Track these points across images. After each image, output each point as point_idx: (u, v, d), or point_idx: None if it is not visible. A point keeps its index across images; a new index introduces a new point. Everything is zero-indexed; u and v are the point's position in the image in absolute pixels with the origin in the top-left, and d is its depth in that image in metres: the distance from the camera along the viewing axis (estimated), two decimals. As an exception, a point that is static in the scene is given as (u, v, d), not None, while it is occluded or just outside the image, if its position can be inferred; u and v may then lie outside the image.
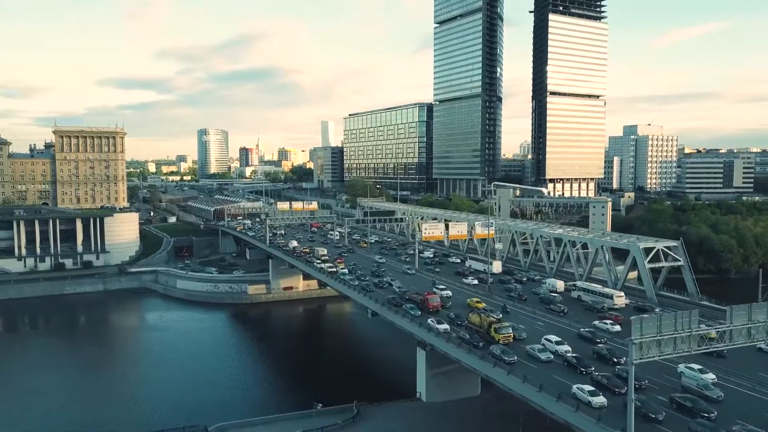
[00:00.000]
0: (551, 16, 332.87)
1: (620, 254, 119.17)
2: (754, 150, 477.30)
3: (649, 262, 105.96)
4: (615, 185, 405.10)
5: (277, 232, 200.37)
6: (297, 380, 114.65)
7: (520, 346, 70.12)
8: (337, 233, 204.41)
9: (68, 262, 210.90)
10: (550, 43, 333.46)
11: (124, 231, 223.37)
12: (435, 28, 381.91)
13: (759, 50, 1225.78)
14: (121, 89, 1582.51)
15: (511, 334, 71.41)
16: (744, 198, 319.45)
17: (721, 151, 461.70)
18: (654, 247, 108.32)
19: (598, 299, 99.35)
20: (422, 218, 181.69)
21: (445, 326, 78.07)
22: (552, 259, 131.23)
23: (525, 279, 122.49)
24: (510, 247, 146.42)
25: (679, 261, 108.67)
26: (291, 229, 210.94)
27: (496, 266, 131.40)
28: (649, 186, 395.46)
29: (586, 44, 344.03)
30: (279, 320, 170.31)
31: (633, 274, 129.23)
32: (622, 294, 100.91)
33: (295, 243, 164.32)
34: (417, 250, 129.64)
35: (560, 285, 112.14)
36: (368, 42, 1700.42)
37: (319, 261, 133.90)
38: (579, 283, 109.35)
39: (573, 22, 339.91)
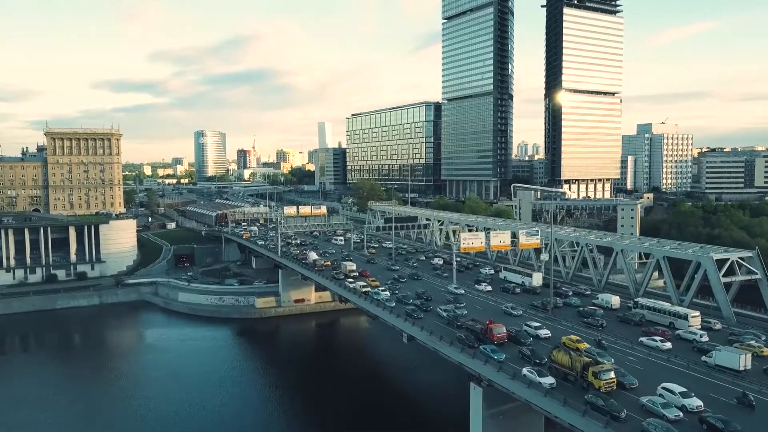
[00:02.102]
0: (566, 10, 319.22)
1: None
2: (760, 148, 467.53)
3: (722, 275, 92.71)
4: (629, 186, 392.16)
5: (291, 241, 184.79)
6: (324, 414, 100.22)
7: (628, 395, 55.45)
8: (341, 239, 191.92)
9: (61, 274, 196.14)
10: (565, 38, 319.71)
11: (120, 239, 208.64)
12: (443, 23, 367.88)
13: (748, 50, 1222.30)
14: (115, 92, 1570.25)
15: (614, 379, 56.44)
16: (767, 198, 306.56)
17: (725, 150, 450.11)
18: (728, 259, 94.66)
19: (668, 319, 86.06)
20: (441, 223, 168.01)
21: (550, 380, 59.33)
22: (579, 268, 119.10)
23: (570, 293, 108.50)
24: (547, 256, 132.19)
25: (756, 274, 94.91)
26: (297, 236, 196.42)
27: (536, 279, 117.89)
28: (664, 186, 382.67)
29: (602, 39, 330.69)
30: (292, 338, 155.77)
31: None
32: (698, 313, 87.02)
33: (315, 256, 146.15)
34: (455, 263, 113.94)
35: (615, 301, 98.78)
36: (364, 43, 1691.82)
37: (350, 279, 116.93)
38: (642, 300, 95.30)
39: (588, 16, 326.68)
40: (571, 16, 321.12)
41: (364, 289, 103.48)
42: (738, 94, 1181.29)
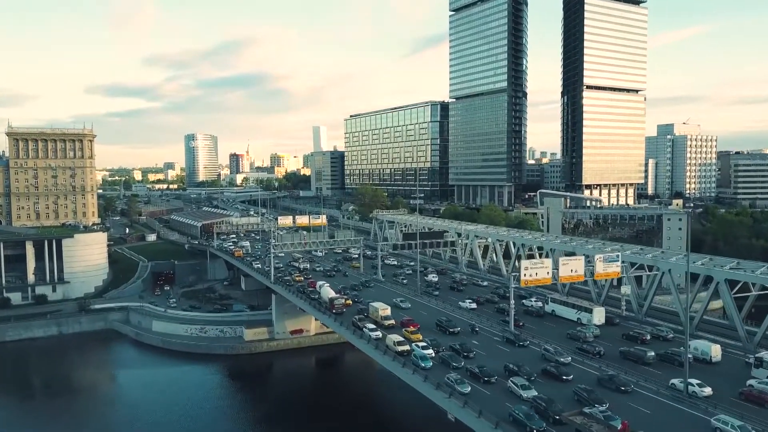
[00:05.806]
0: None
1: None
2: (766, 151, 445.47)
3: None
4: (650, 190, 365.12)
5: (298, 265, 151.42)
6: None
7: None
8: (321, 251, 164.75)
9: (16, 297, 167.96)
10: (586, 29, 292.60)
11: (88, 255, 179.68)
12: (450, 15, 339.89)
13: (741, 54, 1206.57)
14: (109, 97, 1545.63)
15: None
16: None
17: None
18: None
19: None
20: (461, 236, 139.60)
21: None
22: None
23: (647, 337, 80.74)
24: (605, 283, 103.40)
25: None
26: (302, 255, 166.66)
27: (597, 315, 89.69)
28: (687, 191, 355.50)
29: (625, 32, 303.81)
30: (290, 382, 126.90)
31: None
32: None
33: (330, 291, 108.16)
34: (513, 297, 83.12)
35: (716, 351, 71.73)
36: (358, 47, 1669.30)
37: (373, 326, 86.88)
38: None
39: (611, 6, 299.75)
40: (592, 5, 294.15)
41: (400, 348, 73.16)
42: (731, 98, 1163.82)
